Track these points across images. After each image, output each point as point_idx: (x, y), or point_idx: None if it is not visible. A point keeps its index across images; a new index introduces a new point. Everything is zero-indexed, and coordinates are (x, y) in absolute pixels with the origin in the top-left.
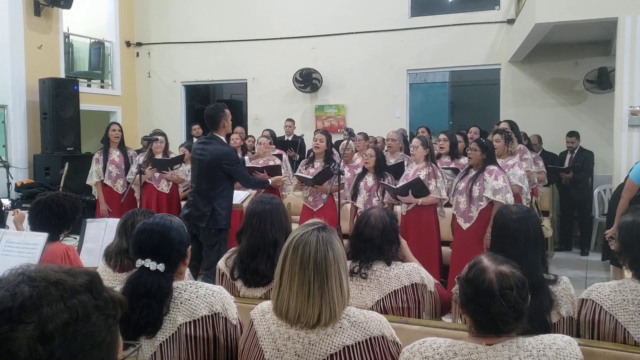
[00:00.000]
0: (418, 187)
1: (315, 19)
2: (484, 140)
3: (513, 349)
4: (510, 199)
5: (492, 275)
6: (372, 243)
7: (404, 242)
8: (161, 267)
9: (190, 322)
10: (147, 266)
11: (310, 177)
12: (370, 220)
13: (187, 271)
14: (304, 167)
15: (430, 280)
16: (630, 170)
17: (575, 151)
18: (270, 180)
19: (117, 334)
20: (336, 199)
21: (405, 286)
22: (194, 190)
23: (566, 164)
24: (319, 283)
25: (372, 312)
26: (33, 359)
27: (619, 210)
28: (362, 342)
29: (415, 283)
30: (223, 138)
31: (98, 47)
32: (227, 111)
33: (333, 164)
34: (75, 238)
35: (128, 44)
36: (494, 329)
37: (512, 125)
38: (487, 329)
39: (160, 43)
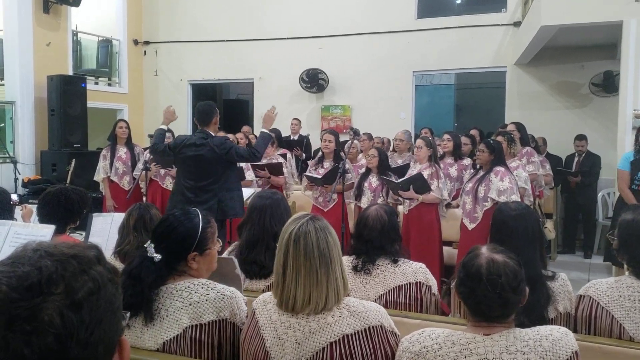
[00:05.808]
0: (419, 183)
1: (322, 20)
2: (492, 141)
3: (510, 339)
4: (515, 200)
5: (483, 260)
6: (372, 244)
7: None
8: (157, 257)
9: (196, 326)
10: (147, 250)
11: (319, 177)
12: (368, 222)
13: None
14: (314, 168)
15: (434, 284)
16: None
17: (583, 155)
18: (267, 131)
19: (121, 302)
20: (344, 199)
21: (409, 282)
22: (191, 187)
23: (573, 167)
24: (325, 268)
25: (372, 302)
26: (67, 326)
27: (624, 196)
28: (361, 331)
29: (420, 282)
30: (213, 134)
31: (106, 45)
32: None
33: (342, 163)
34: (82, 234)
35: (136, 42)
36: (481, 315)
37: (520, 127)
38: (476, 314)
39: (167, 42)
